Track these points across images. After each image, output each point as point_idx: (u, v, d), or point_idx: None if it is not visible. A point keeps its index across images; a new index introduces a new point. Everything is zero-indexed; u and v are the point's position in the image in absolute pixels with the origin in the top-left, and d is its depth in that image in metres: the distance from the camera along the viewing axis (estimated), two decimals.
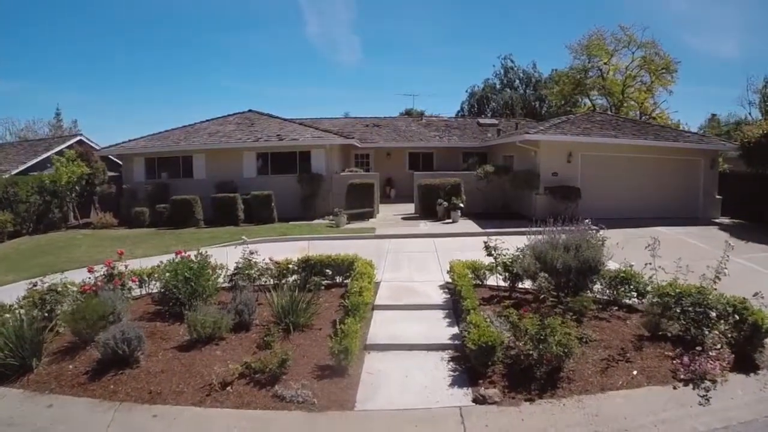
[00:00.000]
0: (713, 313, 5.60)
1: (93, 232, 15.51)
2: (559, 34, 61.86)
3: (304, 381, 4.72)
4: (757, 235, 12.55)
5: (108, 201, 18.23)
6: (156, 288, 7.15)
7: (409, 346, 5.53)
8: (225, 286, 7.28)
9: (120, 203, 17.71)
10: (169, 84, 68.62)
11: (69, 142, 20.37)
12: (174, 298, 6.24)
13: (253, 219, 15.65)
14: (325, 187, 16.85)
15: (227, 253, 8.41)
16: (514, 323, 5.17)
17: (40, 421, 4.38)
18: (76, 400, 4.75)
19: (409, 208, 17.21)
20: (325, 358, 5.16)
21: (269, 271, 7.13)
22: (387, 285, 7.72)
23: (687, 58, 55.44)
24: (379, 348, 5.54)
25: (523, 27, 59.42)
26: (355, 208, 15.29)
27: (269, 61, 68.55)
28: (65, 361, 5.41)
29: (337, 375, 4.90)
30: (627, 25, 29.86)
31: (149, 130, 19.99)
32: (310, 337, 5.81)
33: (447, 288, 7.43)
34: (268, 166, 17.84)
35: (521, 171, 15.69)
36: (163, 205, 16.07)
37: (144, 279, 7.52)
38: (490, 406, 4.43)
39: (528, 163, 15.82)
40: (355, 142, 19.74)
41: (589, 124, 16.61)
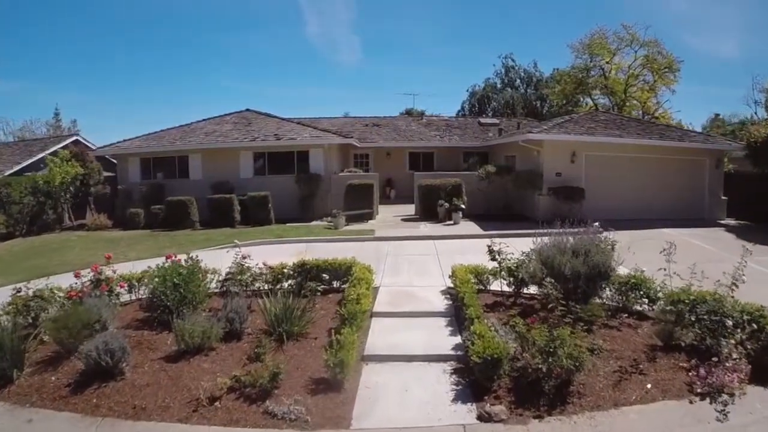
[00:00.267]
0: (729, 322, 5.32)
1: (87, 234, 15.24)
2: (559, 33, 61.66)
3: (297, 396, 4.43)
4: (764, 237, 12.25)
5: (103, 202, 17.94)
6: (146, 293, 6.87)
7: (408, 357, 5.24)
8: (217, 291, 7.02)
9: (115, 204, 17.42)
10: (168, 84, 68.54)
11: (65, 142, 20.08)
12: (162, 305, 5.94)
13: (249, 220, 15.35)
14: (323, 187, 16.55)
15: (221, 256, 8.15)
16: (521, 333, 4.88)
17: None
18: (58, 414, 4.51)
19: (409, 209, 16.94)
20: (320, 371, 4.87)
21: (263, 276, 6.84)
22: (386, 290, 7.43)
23: (687, 58, 55.01)
24: (377, 359, 5.25)
25: (524, 26, 59.26)
26: (354, 209, 15.00)
27: (269, 61, 68.38)
28: (48, 372, 5.17)
29: (332, 389, 4.61)
30: (629, 24, 29.61)
31: (149, 130, 19.74)
32: (304, 347, 5.52)
33: (449, 293, 7.15)
34: (266, 167, 17.54)
35: (524, 171, 15.39)
36: (159, 206, 15.78)
37: (133, 284, 7.24)
38: (497, 424, 4.13)
39: (531, 163, 15.53)
40: (354, 141, 19.43)
41: (593, 123, 16.32)
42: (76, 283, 6.66)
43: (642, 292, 6.35)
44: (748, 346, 5.08)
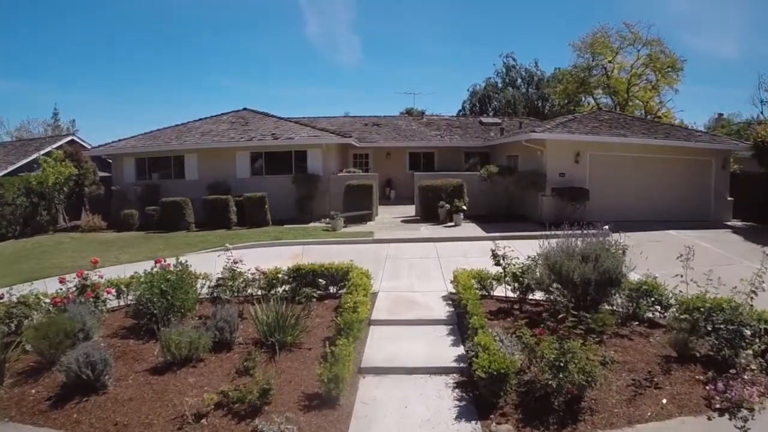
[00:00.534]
0: (747, 332, 5.04)
1: (81, 236, 14.92)
2: (560, 31, 61.13)
3: (288, 413, 4.12)
4: None
5: (98, 203, 17.60)
6: (134, 299, 6.56)
7: (408, 370, 4.93)
8: (209, 296, 6.72)
9: (110, 205, 17.10)
10: (168, 84, 68.25)
11: (60, 142, 19.77)
12: (148, 313, 5.64)
13: (246, 222, 15.00)
14: (321, 188, 16.22)
15: (215, 259, 7.86)
16: (528, 345, 4.56)
17: None
18: (36, 430, 4.27)
19: (410, 211, 16.63)
20: (314, 385, 4.57)
21: (256, 282, 6.53)
22: (385, 296, 7.12)
23: (688, 58, 54.62)
24: (375, 371, 4.94)
25: (524, 25, 58.81)
26: (353, 210, 14.69)
27: (269, 61, 67.99)
28: (29, 384, 4.92)
29: (326, 405, 4.30)
30: (632, 23, 29.32)
31: (148, 130, 19.31)
32: (298, 358, 5.21)
33: (450, 299, 6.84)
34: (263, 167, 17.20)
35: (526, 172, 15.05)
36: (154, 207, 15.44)
37: (122, 289, 6.96)
38: None
39: (534, 164, 15.19)
40: (353, 141, 19.09)
41: (597, 122, 15.99)
42: (61, 289, 6.38)
43: (653, 299, 6.06)
44: None
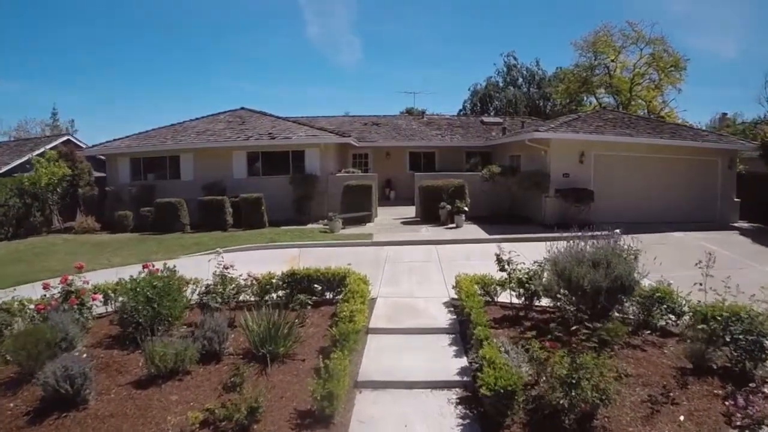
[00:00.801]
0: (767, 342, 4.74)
1: (74, 238, 14.63)
2: (561, 30, 60.67)
3: None
4: None
5: (93, 204, 17.29)
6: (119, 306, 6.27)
7: (408, 384, 4.62)
8: (199, 302, 6.42)
9: (104, 206, 16.79)
10: (168, 84, 67.98)
11: (55, 142, 19.43)
12: (134, 322, 5.33)
13: (242, 223, 14.68)
14: (319, 188, 15.89)
15: (208, 262, 7.56)
16: (537, 359, 4.25)
17: None
18: None
19: (410, 212, 16.32)
20: (308, 401, 4.25)
21: (248, 288, 6.22)
22: (384, 302, 6.81)
23: (689, 58, 54.34)
24: (372, 386, 4.63)
25: (525, 24, 58.39)
26: (351, 211, 14.37)
27: (269, 61, 67.66)
28: (7, 397, 4.63)
29: (320, 424, 3.98)
30: (635, 21, 28.99)
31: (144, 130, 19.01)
32: (291, 370, 4.90)
33: (452, 306, 6.53)
34: (260, 167, 16.89)
35: (530, 172, 14.71)
36: (148, 208, 15.12)
37: (109, 295, 6.66)
38: None
39: (537, 164, 14.86)
40: (352, 140, 18.75)
41: (602, 122, 15.67)
42: (45, 295, 6.10)
43: (666, 306, 5.76)
44: None
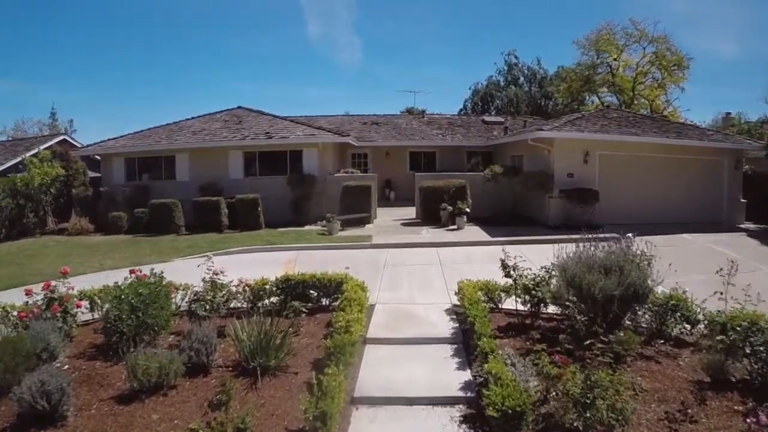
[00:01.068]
0: None
1: (67, 239, 14.34)
2: (562, 29, 60.21)
3: None
4: None
5: (87, 204, 16.99)
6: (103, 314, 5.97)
7: (408, 400, 4.31)
8: (187, 310, 6.12)
9: (98, 207, 16.48)
10: (168, 84, 67.70)
11: (51, 142, 19.20)
12: (117, 331, 5.03)
13: (238, 225, 14.36)
14: (317, 189, 15.56)
15: (197, 267, 7.26)
16: (548, 375, 3.93)
17: None
18: None
19: (410, 213, 16.01)
20: (300, 419, 3.94)
21: (240, 294, 5.91)
22: (383, 309, 6.50)
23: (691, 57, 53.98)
24: (370, 402, 4.32)
25: (526, 22, 58.07)
26: (350, 212, 14.06)
27: (269, 61, 67.32)
28: None
29: None
30: (638, 20, 28.62)
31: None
32: (283, 384, 4.59)
33: (455, 313, 6.22)
34: (257, 167, 16.58)
35: (533, 172, 14.40)
36: (143, 209, 14.81)
37: (95, 301, 6.35)
38: None
39: (540, 164, 14.54)
40: (351, 140, 18.43)
41: (606, 120, 15.35)
42: (28, 302, 5.80)
43: (680, 314, 5.45)
44: None
